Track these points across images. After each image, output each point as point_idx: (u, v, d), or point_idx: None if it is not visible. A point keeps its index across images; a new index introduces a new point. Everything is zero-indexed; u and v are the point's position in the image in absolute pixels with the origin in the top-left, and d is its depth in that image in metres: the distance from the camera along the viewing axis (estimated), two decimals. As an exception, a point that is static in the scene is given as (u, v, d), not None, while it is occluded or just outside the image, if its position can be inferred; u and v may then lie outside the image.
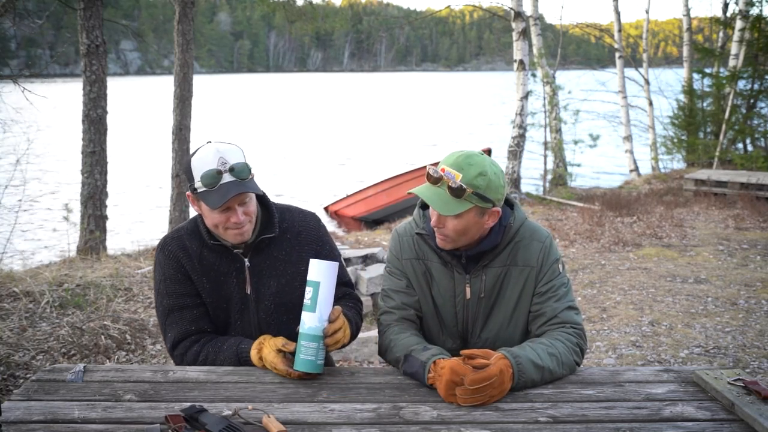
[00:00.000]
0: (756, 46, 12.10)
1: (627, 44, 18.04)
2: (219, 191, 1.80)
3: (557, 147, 12.68)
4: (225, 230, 1.88)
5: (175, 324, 1.96)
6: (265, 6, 10.17)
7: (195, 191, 1.86)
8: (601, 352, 4.09)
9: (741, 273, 5.71)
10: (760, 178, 8.85)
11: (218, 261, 1.96)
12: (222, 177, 1.80)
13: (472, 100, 43.19)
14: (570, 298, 1.92)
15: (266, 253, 1.99)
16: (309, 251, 2.03)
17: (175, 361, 2.00)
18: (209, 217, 1.88)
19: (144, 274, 5.44)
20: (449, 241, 1.85)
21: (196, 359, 1.93)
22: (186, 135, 7.56)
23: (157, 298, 2.01)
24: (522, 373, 1.68)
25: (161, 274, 1.98)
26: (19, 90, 6.31)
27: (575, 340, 1.83)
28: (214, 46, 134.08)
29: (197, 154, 1.87)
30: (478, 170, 1.76)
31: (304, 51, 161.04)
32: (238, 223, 1.86)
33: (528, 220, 1.97)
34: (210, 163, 1.81)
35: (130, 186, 13.61)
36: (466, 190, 1.75)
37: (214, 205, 1.80)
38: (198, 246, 1.97)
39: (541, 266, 1.91)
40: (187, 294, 1.96)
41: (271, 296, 1.98)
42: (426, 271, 1.96)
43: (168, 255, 1.97)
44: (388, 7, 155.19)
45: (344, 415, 1.55)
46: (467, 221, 1.79)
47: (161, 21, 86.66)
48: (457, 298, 1.94)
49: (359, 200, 10.87)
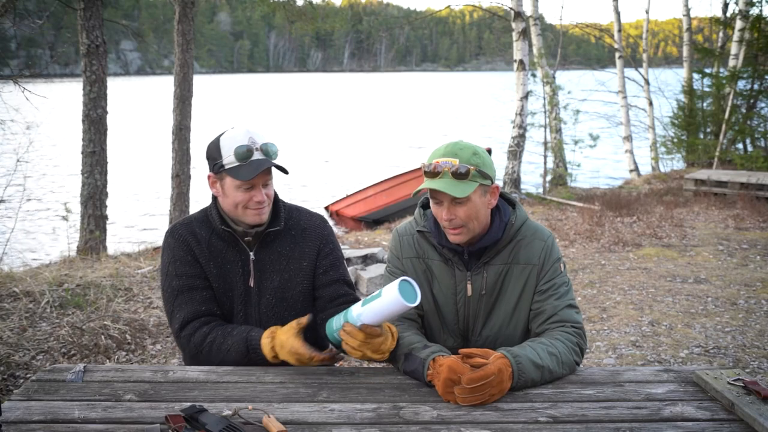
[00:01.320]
0: (756, 46, 12.09)
1: (627, 44, 18.05)
2: (251, 165, 1.87)
3: (557, 147, 12.67)
4: (245, 210, 1.93)
5: (185, 304, 1.95)
6: (265, 6, 10.17)
7: (221, 169, 1.90)
8: (601, 352, 4.09)
9: (741, 273, 5.71)
10: (760, 178, 8.85)
11: (225, 249, 2.00)
12: (254, 153, 1.89)
13: (472, 100, 43.18)
14: (570, 297, 1.92)
15: (271, 248, 2.02)
16: (312, 248, 2.07)
17: (181, 343, 1.96)
18: (232, 196, 1.92)
19: (144, 274, 5.44)
20: (464, 232, 1.86)
21: (203, 341, 1.90)
22: (186, 135, 7.56)
23: (165, 280, 2.00)
24: (522, 373, 1.68)
25: (170, 256, 1.99)
26: (19, 90, 6.31)
27: (575, 339, 1.84)
28: (214, 46, 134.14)
29: (226, 134, 1.94)
30: (471, 151, 1.83)
31: (304, 51, 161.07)
32: (261, 202, 1.92)
33: (530, 219, 1.99)
34: (241, 140, 1.89)
35: (130, 186, 13.61)
36: (470, 169, 1.79)
37: (245, 177, 1.86)
38: (207, 233, 2.00)
39: (543, 264, 1.92)
40: (197, 276, 1.97)
41: (273, 291, 2.01)
42: (426, 270, 1.97)
43: (178, 239, 1.99)
44: (388, 7, 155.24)
45: (344, 415, 1.55)
46: (475, 203, 1.83)
47: (161, 21, 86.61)
48: (458, 296, 1.94)
49: (359, 200, 10.87)
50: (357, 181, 13.97)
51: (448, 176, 1.79)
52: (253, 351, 1.83)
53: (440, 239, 1.92)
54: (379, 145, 21.37)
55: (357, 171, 16.08)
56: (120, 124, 17.29)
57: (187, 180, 7.75)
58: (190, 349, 1.93)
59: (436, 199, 1.85)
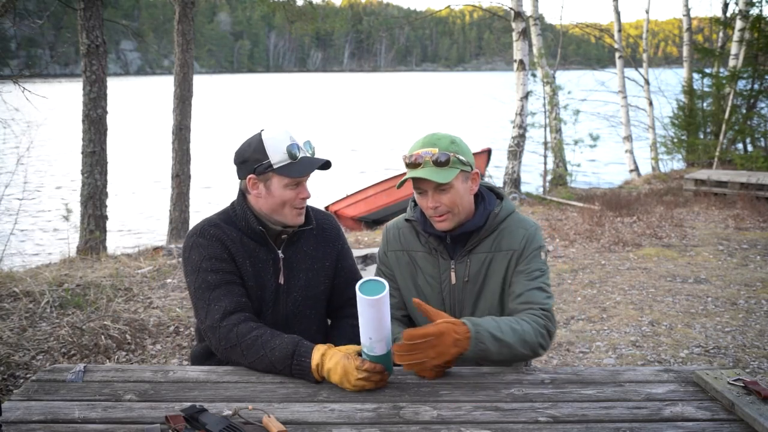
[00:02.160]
0: (756, 46, 12.09)
1: (627, 44, 18.04)
2: (302, 162, 1.93)
3: (557, 147, 12.67)
4: (291, 209, 1.97)
5: (225, 297, 1.89)
6: (265, 6, 10.18)
7: (268, 168, 1.93)
8: (601, 352, 4.09)
9: (741, 273, 5.71)
10: (760, 178, 8.85)
11: (258, 249, 2.02)
12: (300, 151, 1.95)
13: (472, 100, 43.18)
14: (543, 281, 1.94)
15: (297, 247, 2.07)
16: (333, 249, 2.15)
17: (221, 333, 1.84)
18: (279, 195, 1.95)
19: (144, 274, 5.44)
20: (450, 218, 1.91)
21: (249, 333, 1.81)
22: (186, 135, 7.57)
23: (197, 276, 1.93)
24: (479, 342, 1.69)
25: (203, 254, 1.94)
26: (19, 90, 6.31)
27: (542, 322, 1.84)
28: (214, 46, 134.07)
29: (267, 134, 1.96)
30: (448, 140, 1.90)
31: (304, 51, 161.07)
32: (307, 198, 1.98)
33: (517, 212, 2.03)
34: (286, 140, 1.94)
35: (130, 186, 13.61)
36: (450, 156, 1.86)
37: (300, 173, 1.92)
38: (237, 233, 2.01)
39: (523, 249, 1.95)
40: (233, 272, 1.96)
41: (300, 288, 2.05)
42: (410, 261, 2.04)
43: (210, 238, 1.97)
44: (388, 7, 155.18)
45: (344, 415, 1.55)
46: (458, 189, 1.89)
47: (161, 21, 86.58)
48: (443, 284, 1.99)
49: (359, 200, 10.87)
50: (356, 181, 13.98)
51: (429, 165, 1.86)
52: (299, 356, 1.74)
53: (425, 226, 1.98)
54: (378, 145, 21.37)
55: (356, 171, 16.08)
56: (120, 124, 17.28)
57: (187, 180, 7.75)
58: (229, 339, 1.83)
59: (420, 189, 1.91)
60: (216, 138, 19.97)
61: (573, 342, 4.27)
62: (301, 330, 2.01)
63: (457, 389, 1.68)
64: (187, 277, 1.98)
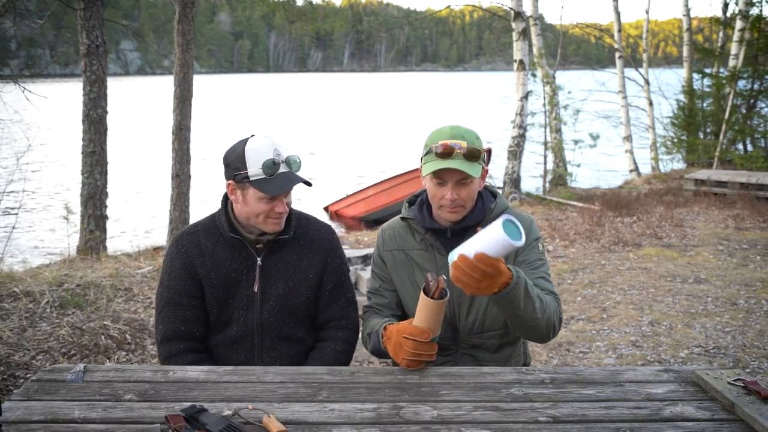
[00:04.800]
0: (756, 46, 12.09)
1: (627, 44, 18.05)
2: (277, 180, 1.90)
3: (557, 147, 12.66)
4: (266, 220, 1.95)
5: (168, 319, 2.01)
6: (265, 6, 10.17)
7: (245, 179, 1.91)
8: (601, 352, 4.09)
9: (741, 273, 5.71)
10: (760, 178, 8.85)
11: (231, 257, 2.01)
12: (279, 167, 1.90)
13: (472, 100, 43.17)
14: (545, 270, 1.96)
15: (278, 255, 2.04)
16: (319, 260, 2.09)
17: (161, 353, 2.03)
18: (254, 207, 1.93)
19: (144, 274, 5.44)
20: (459, 212, 1.92)
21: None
22: (186, 135, 7.56)
23: (159, 286, 2.06)
24: (516, 287, 1.65)
25: (169, 266, 2.03)
26: (19, 90, 6.31)
27: (556, 305, 1.89)
28: (214, 46, 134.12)
29: (251, 143, 1.93)
30: (474, 135, 1.90)
31: (304, 51, 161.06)
32: (282, 213, 1.95)
33: (511, 208, 2.05)
34: (267, 153, 1.90)
35: (130, 186, 13.61)
36: (481, 151, 1.87)
37: (272, 192, 1.89)
38: (212, 242, 2.02)
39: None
40: (186, 293, 2.00)
41: (277, 297, 2.02)
42: (407, 260, 2.03)
43: (180, 249, 2.02)
44: (388, 7, 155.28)
45: (344, 415, 1.55)
46: (476, 184, 1.93)
47: (161, 21, 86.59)
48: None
49: (359, 200, 10.88)
50: (356, 181, 13.97)
51: (460, 157, 1.84)
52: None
53: (424, 222, 1.98)
54: (378, 145, 21.37)
55: (356, 171, 16.08)
56: (120, 124, 17.28)
57: (187, 180, 7.74)
58: (167, 363, 2.00)
59: (441, 179, 1.88)
60: (216, 138, 19.98)
61: (573, 342, 4.27)
62: (279, 338, 2.03)
63: (457, 389, 1.68)
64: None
